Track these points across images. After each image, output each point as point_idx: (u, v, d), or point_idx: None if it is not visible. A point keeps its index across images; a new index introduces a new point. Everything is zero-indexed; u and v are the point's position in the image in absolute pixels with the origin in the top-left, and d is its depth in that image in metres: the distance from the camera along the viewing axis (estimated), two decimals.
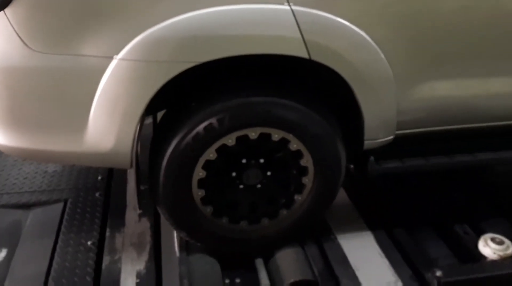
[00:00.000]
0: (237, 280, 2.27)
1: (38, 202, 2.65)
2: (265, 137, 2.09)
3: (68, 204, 2.62)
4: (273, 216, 2.28)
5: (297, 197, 2.25)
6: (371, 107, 2.14)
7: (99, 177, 2.85)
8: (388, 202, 2.73)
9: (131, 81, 1.85)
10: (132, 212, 2.58)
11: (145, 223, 2.51)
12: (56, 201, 2.65)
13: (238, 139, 2.06)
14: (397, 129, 2.26)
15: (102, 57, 1.83)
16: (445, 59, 2.15)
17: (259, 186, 2.20)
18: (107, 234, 2.43)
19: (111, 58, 1.83)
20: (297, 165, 2.18)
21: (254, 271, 2.29)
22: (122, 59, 1.82)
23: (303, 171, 2.20)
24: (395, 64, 2.09)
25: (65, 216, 2.53)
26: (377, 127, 2.20)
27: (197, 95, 2.09)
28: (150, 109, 2.02)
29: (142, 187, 2.32)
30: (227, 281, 2.26)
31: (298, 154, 2.15)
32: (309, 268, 2.26)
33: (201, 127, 1.98)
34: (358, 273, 2.25)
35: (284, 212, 2.28)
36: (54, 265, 2.22)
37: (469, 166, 2.48)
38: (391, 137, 2.26)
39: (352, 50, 2.01)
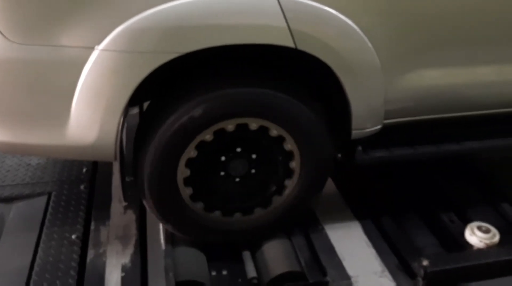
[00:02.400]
0: (224, 272, 2.26)
1: (21, 195, 2.60)
2: (262, 129, 2.08)
3: (52, 197, 2.58)
4: (249, 211, 2.27)
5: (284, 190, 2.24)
6: (358, 97, 2.11)
7: (84, 170, 2.80)
8: (376, 192, 2.73)
9: (113, 72, 1.80)
10: (117, 204, 2.54)
11: (131, 216, 2.47)
12: (40, 194, 2.60)
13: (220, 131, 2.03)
14: (385, 119, 2.24)
15: (83, 47, 1.78)
16: (433, 47, 2.13)
17: (245, 178, 2.19)
18: (92, 227, 2.40)
19: (92, 48, 1.78)
20: (282, 151, 2.16)
21: (241, 263, 2.27)
22: (103, 49, 1.78)
23: (290, 157, 2.18)
24: (382, 53, 2.06)
25: (49, 210, 2.49)
26: (365, 117, 2.18)
27: (182, 86, 2.05)
28: (136, 99, 1.98)
29: (127, 179, 2.29)
30: (213, 273, 2.24)
31: (281, 139, 2.13)
32: (295, 259, 2.26)
33: (185, 118, 1.95)
34: (345, 263, 2.25)
35: (272, 202, 2.27)
36: (38, 259, 2.19)
37: (457, 156, 2.48)
38: (379, 126, 2.25)
39: (338, 39, 1.99)
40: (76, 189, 2.65)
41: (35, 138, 1.91)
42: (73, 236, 2.32)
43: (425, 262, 2.17)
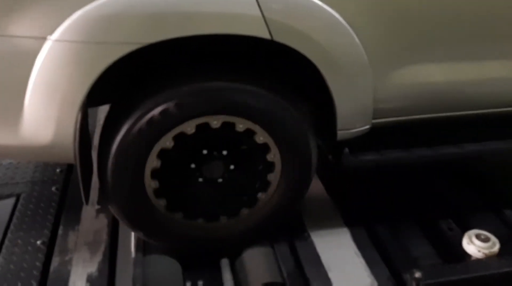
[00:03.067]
0: (200, 283, 2.09)
1: None
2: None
3: (21, 200, 2.42)
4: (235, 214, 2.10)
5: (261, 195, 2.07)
6: (343, 94, 1.94)
7: (58, 170, 2.64)
8: (368, 196, 2.54)
9: (68, 64, 1.64)
10: (89, 208, 2.38)
11: (103, 220, 2.31)
12: (8, 196, 2.45)
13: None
14: (374, 118, 2.07)
15: (34, 38, 1.62)
16: (425, 42, 1.96)
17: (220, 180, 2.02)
18: (60, 232, 2.24)
19: (44, 39, 1.62)
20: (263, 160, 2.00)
21: (219, 272, 2.11)
22: (56, 40, 1.61)
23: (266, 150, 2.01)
24: (370, 47, 1.90)
25: (16, 213, 2.33)
26: (351, 116, 2.01)
27: (154, 79, 1.89)
28: (101, 98, 1.82)
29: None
30: (188, 283, 2.08)
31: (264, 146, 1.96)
32: (277, 269, 2.09)
33: (156, 111, 1.78)
34: (331, 274, 2.07)
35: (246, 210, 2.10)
36: None
37: (455, 159, 2.29)
38: (367, 126, 2.07)
39: (321, 31, 1.82)
40: (47, 190, 2.49)
41: None
42: (39, 242, 2.16)
43: (417, 274, 1.99)
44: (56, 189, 2.50)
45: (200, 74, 1.86)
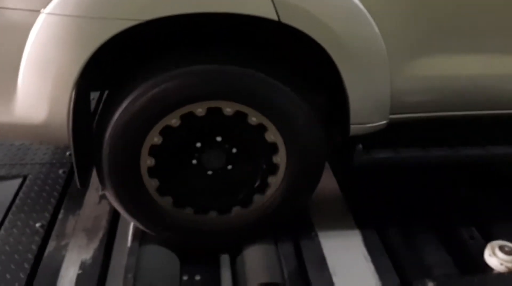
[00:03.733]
0: (197, 278, 2.00)
1: None
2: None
3: (27, 181, 2.40)
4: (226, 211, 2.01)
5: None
6: (357, 85, 1.80)
7: (68, 153, 2.60)
8: (384, 197, 2.38)
9: (61, 40, 1.57)
10: (93, 193, 2.33)
11: (105, 207, 2.25)
12: (15, 177, 2.43)
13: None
14: (392, 113, 1.91)
15: (27, 10, 1.56)
16: (451, 32, 1.80)
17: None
18: (60, 216, 2.19)
19: (37, 12, 1.55)
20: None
21: (218, 268, 2.00)
22: (50, 13, 1.55)
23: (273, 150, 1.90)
24: (389, 36, 1.75)
25: (20, 194, 2.30)
26: (366, 110, 1.86)
27: (151, 60, 1.80)
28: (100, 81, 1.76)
29: None
30: (185, 277, 1.99)
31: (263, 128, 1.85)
32: (278, 268, 1.97)
33: (149, 94, 1.69)
34: (335, 279, 1.94)
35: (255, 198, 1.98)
36: None
37: (479, 162, 2.11)
38: (384, 122, 1.92)
39: (334, 14, 1.68)
40: (54, 173, 2.46)
41: None
42: (37, 225, 2.12)
43: (430, 284, 1.84)
44: (63, 172, 2.47)
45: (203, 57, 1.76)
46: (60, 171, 2.47)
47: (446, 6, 1.74)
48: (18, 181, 2.39)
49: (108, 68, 1.82)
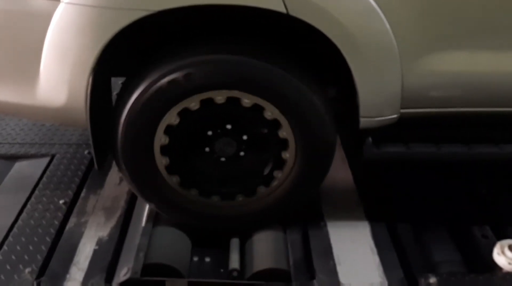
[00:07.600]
0: (207, 259, 2.08)
1: (25, 154, 2.58)
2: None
3: (54, 160, 2.53)
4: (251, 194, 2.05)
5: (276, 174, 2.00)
6: (367, 79, 1.82)
7: None
8: (398, 191, 2.38)
9: (78, 28, 1.66)
10: (114, 174, 2.43)
11: (124, 187, 2.35)
12: (43, 156, 2.57)
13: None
14: (403, 108, 1.91)
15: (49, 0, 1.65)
16: (460, 28, 1.78)
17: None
18: (82, 194, 2.31)
19: (57, 1, 1.64)
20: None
21: (228, 251, 2.07)
22: (69, 2, 1.64)
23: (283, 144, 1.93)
24: (401, 30, 1.75)
25: (47, 172, 2.44)
26: (375, 103, 1.87)
27: (168, 48, 1.87)
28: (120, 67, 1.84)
29: None
30: (195, 258, 2.07)
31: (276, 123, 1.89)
32: (284, 255, 2.02)
33: (164, 81, 1.76)
34: (340, 268, 1.96)
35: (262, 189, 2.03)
36: (19, 221, 2.14)
37: (493, 161, 2.07)
38: (394, 115, 1.92)
39: (342, 7, 1.70)
40: (80, 154, 2.58)
41: (6, 95, 1.82)
42: (61, 202, 2.24)
43: (432, 280, 1.86)
44: (88, 153, 2.59)
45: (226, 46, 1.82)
46: (86, 152, 2.59)
47: (457, 1, 1.72)
48: (46, 160, 2.53)
49: (129, 54, 1.88)
